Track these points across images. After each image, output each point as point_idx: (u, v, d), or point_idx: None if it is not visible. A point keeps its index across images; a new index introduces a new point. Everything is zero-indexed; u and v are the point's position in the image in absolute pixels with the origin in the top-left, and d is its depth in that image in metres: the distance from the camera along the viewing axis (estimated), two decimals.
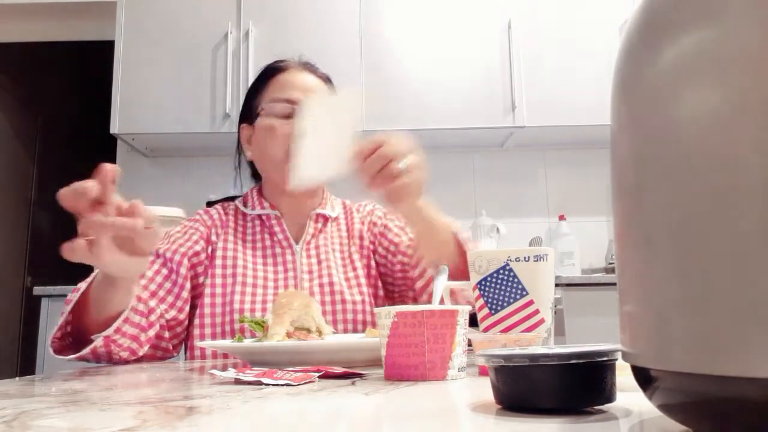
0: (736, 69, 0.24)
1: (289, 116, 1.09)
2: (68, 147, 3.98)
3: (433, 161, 3.21)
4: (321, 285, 1.09)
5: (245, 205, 1.18)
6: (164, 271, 1.04)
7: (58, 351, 0.87)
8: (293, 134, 1.04)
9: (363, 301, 1.09)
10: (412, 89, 2.60)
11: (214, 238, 1.12)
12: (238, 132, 1.20)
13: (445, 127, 2.59)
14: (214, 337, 1.04)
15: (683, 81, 0.26)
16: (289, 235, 1.14)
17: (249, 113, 1.17)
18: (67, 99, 4.01)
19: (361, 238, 1.18)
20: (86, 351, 0.85)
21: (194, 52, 2.63)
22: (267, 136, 1.10)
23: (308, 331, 0.82)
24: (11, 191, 3.44)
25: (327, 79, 1.19)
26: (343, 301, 1.08)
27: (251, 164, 1.21)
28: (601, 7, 2.66)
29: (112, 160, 2.92)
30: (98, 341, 0.84)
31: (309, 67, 1.18)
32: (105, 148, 3.06)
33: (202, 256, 1.09)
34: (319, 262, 1.12)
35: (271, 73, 1.16)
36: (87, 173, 0.67)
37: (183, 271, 1.04)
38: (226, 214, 1.17)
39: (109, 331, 0.84)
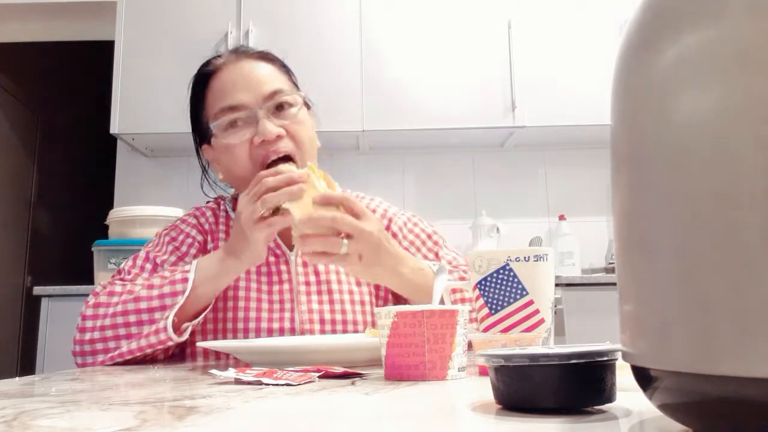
0: (735, 69, 0.24)
1: (239, 124, 0.97)
2: (68, 147, 3.98)
3: (433, 161, 3.19)
4: (320, 300, 1.01)
5: (235, 209, 1.06)
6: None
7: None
8: (253, 139, 0.96)
9: (365, 322, 1.03)
10: (412, 89, 2.60)
11: (210, 246, 1.05)
12: (197, 152, 1.09)
13: (445, 127, 2.59)
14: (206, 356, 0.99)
15: (683, 81, 0.26)
16: (281, 243, 1.04)
17: (202, 133, 1.04)
18: (67, 99, 4.01)
19: None
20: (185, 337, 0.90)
21: (194, 52, 2.62)
22: (229, 158, 0.99)
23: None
24: (11, 191, 3.43)
25: (268, 57, 1.05)
26: (344, 319, 1.01)
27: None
28: (601, 7, 2.66)
29: (112, 160, 2.92)
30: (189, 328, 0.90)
31: (244, 53, 1.04)
32: (105, 148, 3.06)
33: None
34: (317, 273, 1.03)
35: (204, 80, 1.03)
36: (87, 173, 0.67)
37: None
38: (217, 217, 1.09)
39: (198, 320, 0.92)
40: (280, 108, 0.99)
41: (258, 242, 0.87)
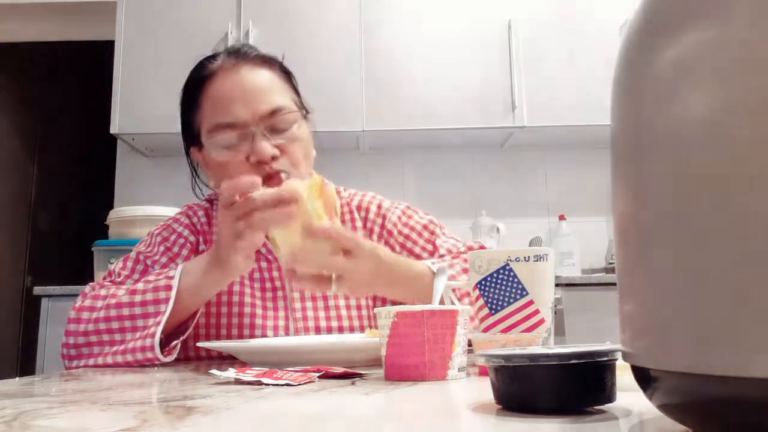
0: (735, 69, 0.24)
1: (234, 140, 0.93)
2: (68, 147, 3.98)
3: (434, 161, 3.18)
4: (315, 306, 0.99)
5: None
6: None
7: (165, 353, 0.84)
8: (251, 157, 0.91)
9: (362, 327, 1.00)
10: (412, 89, 2.60)
11: (203, 247, 1.01)
12: (187, 152, 1.05)
13: (445, 126, 2.59)
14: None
15: (683, 81, 0.26)
16: (272, 248, 1.01)
17: (193, 135, 1.00)
18: (67, 99, 4.00)
19: None
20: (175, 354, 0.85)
21: (194, 52, 2.61)
22: (223, 173, 0.93)
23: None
24: (11, 191, 3.43)
25: (268, 62, 1.00)
26: (340, 326, 0.99)
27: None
28: (601, 7, 2.66)
29: (112, 160, 2.92)
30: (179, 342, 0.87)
31: (243, 57, 0.97)
32: (105, 148, 3.06)
33: None
34: None
35: (200, 83, 0.97)
36: (87, 173, 0.68)
37: None
38: (209, 217, 1.05)
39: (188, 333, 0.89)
40: (277, 124, 0.95)
41: (237, 264, 0.82)
